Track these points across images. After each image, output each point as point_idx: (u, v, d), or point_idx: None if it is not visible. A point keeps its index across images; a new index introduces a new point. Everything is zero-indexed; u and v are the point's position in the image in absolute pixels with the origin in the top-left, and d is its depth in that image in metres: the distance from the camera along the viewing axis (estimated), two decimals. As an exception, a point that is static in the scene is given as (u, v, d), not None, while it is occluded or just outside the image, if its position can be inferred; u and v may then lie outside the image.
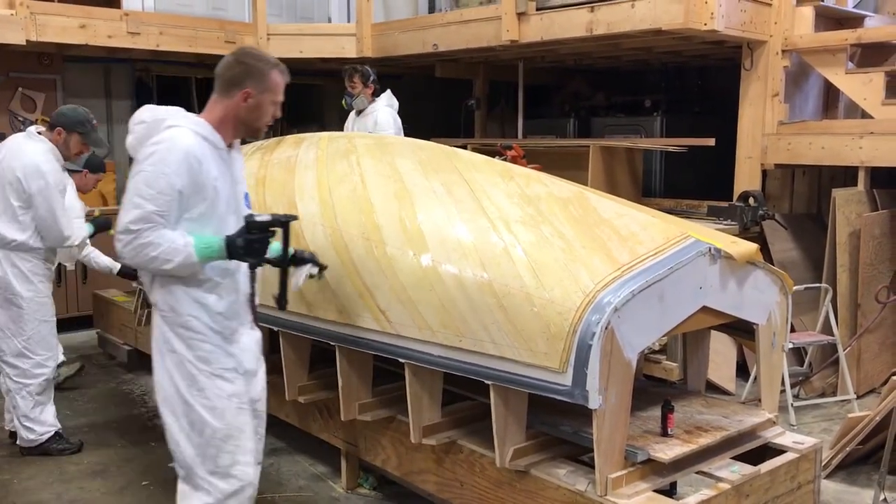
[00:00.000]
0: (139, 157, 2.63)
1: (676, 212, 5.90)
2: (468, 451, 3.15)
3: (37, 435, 4.31)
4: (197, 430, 2.74)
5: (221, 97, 2.71)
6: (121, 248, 2.60)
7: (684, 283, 2.86)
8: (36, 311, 4.24)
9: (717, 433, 3.02)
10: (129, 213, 2.57)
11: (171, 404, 2.76)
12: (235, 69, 2.69)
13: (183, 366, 2.73)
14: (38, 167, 4.07)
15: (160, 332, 2.77)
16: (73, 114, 4.22)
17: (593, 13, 5.87)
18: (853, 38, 5.68)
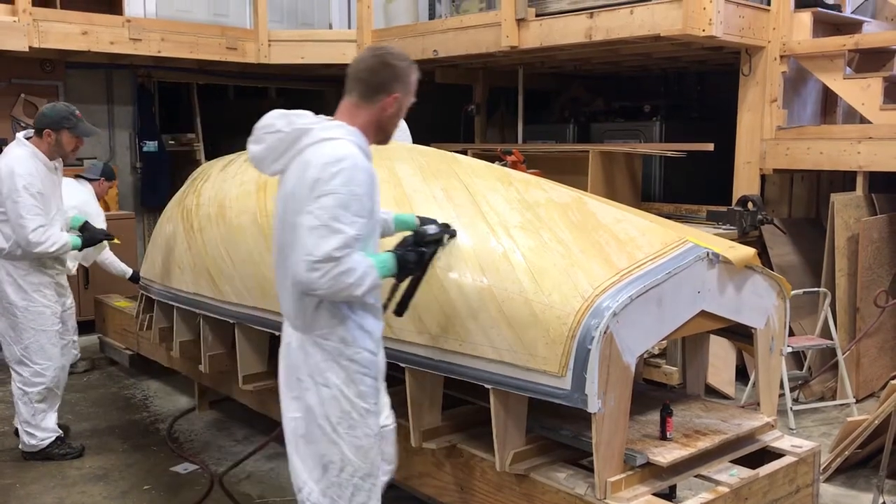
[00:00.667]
0: (310, 176, 2.35)
1: (675, 216, 5.92)
2: (468, 454, 3.16)
3: (38, 440, 4.33)
4: (335, 470, 2.55)
5: (364, 103, 2.49)
6: (317, 278, 2.31)
7: (683, 287, 2.88)
8: (31, 321, 4.22)
9: (716, 437, 3.04)
10: (328, 239, 2.30)
11: (311, 441, 2.55)
12: (383, 73, 2.47)
13: (337, 401, 2.51)
14: (11, 170, 4.03)
15: (313, 362, 2.52)
16: (54, 112, 4.14)
17: (592, 19, 5.90)
18: (851, 43, 5.71)
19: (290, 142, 2.46)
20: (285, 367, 2.63)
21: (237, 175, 4.33)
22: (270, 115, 2.52)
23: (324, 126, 2.46)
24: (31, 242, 4.05)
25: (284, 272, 2.55)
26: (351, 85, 2.53)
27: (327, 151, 2.38)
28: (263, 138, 2.52)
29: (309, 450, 2.57)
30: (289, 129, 2.46)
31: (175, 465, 4.33)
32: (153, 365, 5.65)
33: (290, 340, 2.60)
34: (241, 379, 4.06)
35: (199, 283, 4.24)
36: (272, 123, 2.49)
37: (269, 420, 4.49)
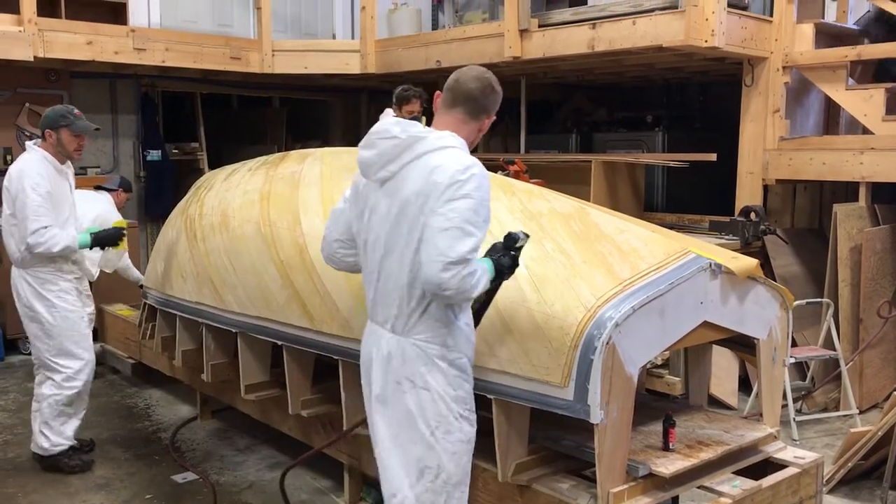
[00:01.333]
0: (441, 180, 2.40)
1: (678, 227, 5.92)
2: (471, 465, 3.15)
3: (50, 444, 4.28)
4: (430, 475, 2.55)
5: (470, 119, 2.60)
6: (448, 278, 2.34)
7: (685, 298, 2.88)
8: (58, 326, 4.20)
9: (719, 448, 3.03)
10: (462, 241, 2.36)
11: (408, 445, 2.55)
12: (491, 97, 2.61)
13: (436, 405, 2.52)
14: (20, 172, 4.06)
15: (413, 366, 2.52)
16: (52, 113, 4.18)
17: (595, 30, 5.92)
18: (853, 54, 5.72)
19: (404, 147, 2.51)
20: (382, 373, 2.59)
21: (241, 184, 4.34)
22: (386, 122, 2.58)
23: (438, 135, 2.53)
24: (31, 244, 4.03)
25: (388, 274, 2.55)
26: (458, 101, 2.60)
27: (455, 157, 2.46)
28: (377, 143, 2.56)
29: (406, 455, 2.57)
30: (404, 135, 2.51)
31: (177, 475, 4.32)
32: (155, 374, 5.65)
33: (383, 345, 2.58)
34: (243, 388, 4.07)
35: (201, 293, 4.25)
36: (388, 129, 2.54)
37: (270, 429, 4.49)
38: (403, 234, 2.50)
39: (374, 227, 2.59)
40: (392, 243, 2.53)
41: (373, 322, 2.67)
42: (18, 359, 6.67)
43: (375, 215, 2.58)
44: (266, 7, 7.59)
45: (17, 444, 4.76)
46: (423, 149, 2.49)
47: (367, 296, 2.69)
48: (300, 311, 3.56)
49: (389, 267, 2.55)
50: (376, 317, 2.64)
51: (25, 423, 5.10)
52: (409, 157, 2.50)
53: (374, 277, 2.62)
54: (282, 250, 3.70)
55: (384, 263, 2.57)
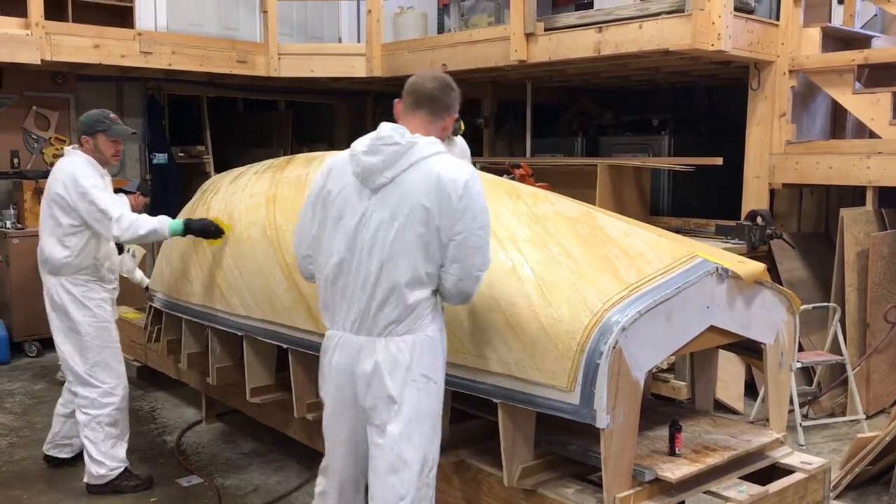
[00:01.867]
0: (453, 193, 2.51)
1: (684, 231, 5.91)
2: (476, 469, 3.15)
3: (107, 470, 4.06)
4: (427, 469, 2.67)
5: (434, 120, 2.70)
6: (473, 287, 2.61)
7: (692, 302, 2.87)
8: (96, 338, 4.05)
9: (725, 453, 3.02)
10: (489, 252, 2.63)
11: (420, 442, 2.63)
12: (451, 95, 2.73)
13: (437, 396, 2.70)
14: (73, 176, 3.94)
15: (426, 361, 2.63)
16: (88, 118, 4.13)
17: (601, 34, 5.92)
18: (860, 58, 5.71)
19: (402, 153, 2.57)
20: (393, 380, 2.59)
21: (247, 188, 4.34)
22: (387, 128, 2.62)
23: (426, 140, 2.62)
24: (118, 234, 3.91)
25: (394, 279, 2.55)
26: (420, 103, 2.68)
27: (458, 168, 2.58)
28: (381, 150, 2.59)
29: (419, 452, 2.63)
30: (403, 141, 2.58)
31: (181, 478, 4.32)
32: (160, 377, 5.66)
33: (393, 349, 2.59)
34: (248, 391, 4.06)
35: (207, 296, 4.25)
36: (390, 135, 2.59)
37: (275, 433, 4.49)
38: (410, 242, 2.53)
39: (369, 236, 2.58)
40: (398, 251, 2.54)
41: (356, 334, 2.63)
42: (25, 361, 6.69)
43: (369, 224, 2.58)
44: (272, 10, 7.61)
45: (23, 447, 4.76)
46: (418, 155, 2.56)
47: (338, 306, 2.67)
48: (306, 314, 3.56)
49: (393, 275, 2.55)
50: (365, 328, 2.61)
51: (31, 426, 5.12)
52: (406, 164, 2.56)
53: (365, 289, 2.59)
54: (287, 253, 3.70)
55: (385, 271, 2.56)
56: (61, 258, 4.01)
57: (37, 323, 6.58)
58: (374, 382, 2.61)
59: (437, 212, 2.51)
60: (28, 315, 6.62)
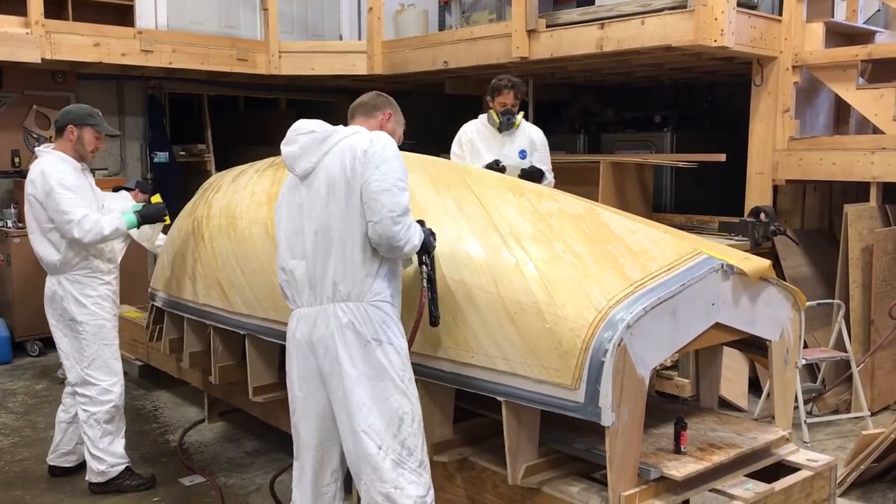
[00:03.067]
0: (360, 154, 2.74)
1: (687, 227, 5.88)
2: (480, 468, 3.14)
3: (107, 466, 4.06)
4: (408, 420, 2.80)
5: (367, 119, 3.02)
6: (399, 230, 2.70)
7: (697, 299, 2.85)
8: (94, 335, 4.03)
9: (731, 450, 3.00)
10: (401, 195, 2.72)
11: (384, 399, 2.77)
12: (377, 99, 3.07)
13: (398, 354, 2.81)
14: (42, 172, 3.92)
15: (376, 325, 2.77)
16: (79, 109, 4.10)
17: (603, 30, 5.90)
18: (864, 53, 5.68)
19: (321, 140, 2.85)
20: (347, 343, 2.77)
21: (248, 186, 4.33)
22: (303, 122, 2.92)
23: (350, 127, 2.95)
24: (79, 237, 3.85)
25: (336, 250, 2.77)
26: (354, 113, 3.07)
27: (364, 135, 2.83)
28: (297, 139, 2.88)
29: (384, 409, 2.76)
30: (320, 129, 2.87)
31: (184, 478, 4.31)
32: (162, 375, 5.65)
33: (341, 315, 2.77)
34: (251, 390, 4.05)
35: (209, 294, 4.24)
36: (306, 126, 2.90)
37: (278, 431, 4.48)
38: (337, 209, 2.77)
39: (312, 216, 2.83)
40: (328, 220, 2.78)
41: (310, 306, 2.85)
42: (27, 360, 6.68)
43: (309, 206, 2.84)
44: (273, 8, 7.60)
45: (25, 447, 4.75)
46: (337, 137, 2.84)
47: (293, 286, 2.90)
48: (308, 312, 3.54)
49: (326, 243, 2.78)
50: (315, 298, 2.83)
51: (33, 426, 5.11)
52: (327, 148, 2.83)
53: (309, 260, 2.83)
54: (289, 252, 3.68)
55: (320, 242, 2.80)
56: (51, 256, 4.00)
57: (38, 322, 6.51)
58: (329, 348, 2.80)
59: (351, 175, 2.74)
60: (30, 314, 6.60)
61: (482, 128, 5.35)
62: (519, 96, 5.22)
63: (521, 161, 5.24)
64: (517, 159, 5.24)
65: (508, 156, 5.23)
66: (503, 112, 5.19)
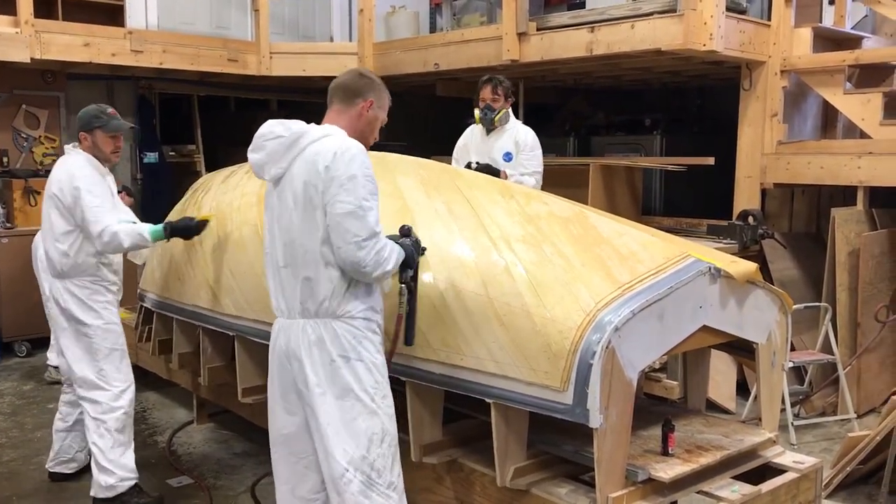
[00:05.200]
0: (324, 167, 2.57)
1: (676, 230, 5.91)
2: (469, 469, 3.14)
3: (117, 480, 3.86)
4: (377, 441, 2.70)
5: (344, 107, 2.80)
6: (364, 256, 2.55)
7: (684, 302, 2.87)
8: (106, 339, 3.92)
9: (718, 453, 3.02)
10: (365, 218, 2.55)
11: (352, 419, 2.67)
12: (359, 82, 2.81)
13: (370, 373, 2.69)
14: (70, 175, 3.81)
15: (343, 342, 2.66)
16: (85, 114, 3.96)
17: (593, 34, 5.92)
18: (851, 59, 5.73)
19: (289, 144, 2.67)
20: (315, 359, 2.68)
21: (238, 187, 4.33)
22: (267, 124, 2.73)
23: (319, 128, 2.72)
24: (101, 249, 3.82)
25: (302, 264, 2.67)
26: (331, 96, 2.83)
27: (333, 143, 2.63)
28: (264, 146, 2.71)
29: (352, 428, 2.67)
30: (287, 133, 2.68)
31: (172, 479, 4.30)
32: (151, 377, 5.63)
33: (310, 331, 2.68)
34: (240, 391, 4.04)
35: (198, 295, 4.23)
36: (271, 130, 2.71)
37: (267, 433, 4.46)
38: (300, 224, 2.65)
39: (281, 226, 2.72)
40: (292, 235, 2.67)
41: (287, 318, 2.75)
42: (14, 361, 6.65)
43: (279, 215, 2.73)
44: (264, 9, 7.59)
45: (13, 448, 4.73)
46: (306, 141, 2.66)
47: (274, 295, 2.80)
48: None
49: (293, 258, 2.68)
50: (289, 311, 2.74)
51: (21, 427, 5.09)
52: (296, 151, 2.67)
53: (280, 273, 2.74)
54: (279, 253, 3.68)
55: (288, 256, 2.70)
56: (61, 261, 3.88)
57: (26, 323, 6.56)
58: (301, 363, 2.71)
59: (314, 192, 2.60)
60: (18, 315, 6.59)
61: (476, 130, 5.28)
62: (500, 91, 5.05)
63: (507, 164, 5.08)
64: (501, 161, 5.08)
65: (493, 158, 5.11)
66: (483, 108, 5.08)
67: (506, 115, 5.14)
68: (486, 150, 5.18)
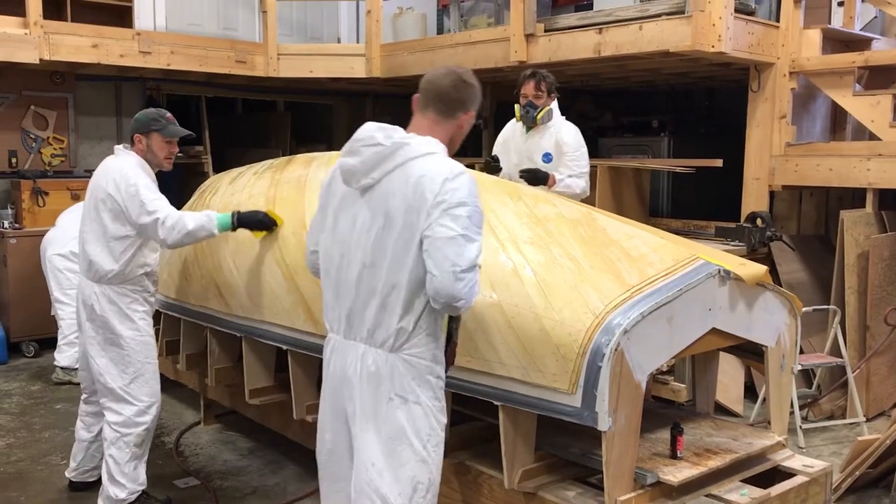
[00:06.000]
0: (429, 189, 2.35)
1: (684, 232, 5.90)
2: (476, 472, 3.14)
3: (127, 493, 3.76)
4: (422, 490, 2.50)
5: (443, 119, 2.54)
6: (461, 287, 2.30)
7: (694, 304, 2.86)
8: (139, 352, 3.78)
9: (727, 456, 3.01)
10: (468, 248, 2.32)
11: (400, 463, 2.46)
12: (463, 92, 2.55)
13: (427, 418, 2.48)
14: (125, 174, 3.68)
15: (403, 381, 2.45)
16: (144, 116, 3.84)
17: (601, 35, 5.91)
18: (860, 60, 5.70)
19: (386, 155, 2.44)
20: (370, 391, 2.47)
21: (246, 188, 4.33)
22: (368, 129, 2.50)
23: (420, 141, 2.47)
24: (164, 237, 3.65)
25: (371, 289, 2.45)
26: (429, 102, 2.55)
27: (441, 166, 2.40)
28: (361, 151, 2.48)
29: (398, 473, 2.46)
30: (388, 142, 2.45)
31: (178, 480, 4.31)
32: (159, 377, 5.64)
33: (370, 362, 2.47)
34: (247, 393, 4.05)
35: (206, 296, 4.24)
36: (372, 136, 2.47)
37: (274, 434, 4.48)
38: (389, 248, 2.41)
39: (355, 238, 2.50)
40: (378, 255, 2.44)
41: (345, 338, 2.54)
42: (22, 361, 6.66)
43: (356, 225, 2.50)
44: (271, 11, 7.60)
45: (20, 448, 4.74)
46: (406, 156, 2.43)
47: (333, 308, 2.58)
48: (305, 315, 3.54)
49: (374, 280, 2.45)
50: (351, 332, 2.52)
51: (29, 427, 5.09)
52: (392, 165, 2.44)
53: (350, 290, 2.51)
54: (287, 254, 3.69)
55: (367, 275, 2.46)
56: (109, 267, 3.72)
57: (35, 323, 6.59)
58: (353, 392, 2.51)
59: (417, 212, 2.36)
60: (26, 315, 6.61)
61: (517, 127, 4.94)
62: (544, 87, 4.70)
63: (546, 165, 4.74)
64: (540, 163, 4.75)
65: (531, 158, 4.81)
66: (525, 105, 4.75)
67: (548, 113, 4.77)
68: (525, 150, 4.88)
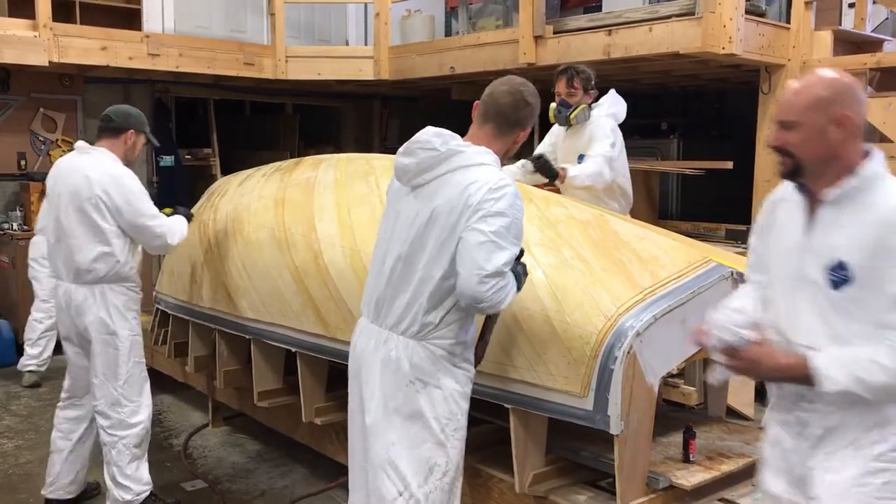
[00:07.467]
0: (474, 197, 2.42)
1: (694, 235, 5.86)
2: (487, 475, 3.12)
3: (133, 495, 3.73)
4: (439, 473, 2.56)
5: (501, 135, 2.62)
6: (484, 291, 2.38)
7: (707, 307, 2.81)
8: (133, 352, 3.75)
9: (740, 460, 2.99)
10: (497, 255, 2.39)
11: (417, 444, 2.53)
12: (523, 111, 2.62)
13: (447, 403, 2.54)
14: (114, 177, 3.61)
15: (424, 366, 2.51)
16: (139, 115, 3.81)
17: (611, 36, 5.89)
18: (872, 62, 5.66)
19: (441, 160, 2.53)
20: (392, 375, 2.54)
21: (255, 190, 4.32)
22: (427, 133, 2.59)
23: (475, 150, 2.55)
24: (173, 237, 3.74)
25: (406, 279, 2.54)
26: (489, 116, 2.63)
27: (489, 176, 2.47)
28: (417, 152, 2.57)
29: (413, 454, 2.53)
30: (444, 148, 2.53)
31: (186, 482, 4.30)
32: (167, 379, 5.63)
33: (392, 347, 2.55)
34: (256, 395, 4.04)
35: (215, 299, 4.23)
36: (429, 140, 2.56)
37: (282, 437, 4.46)
38: (429, 243, 2.50)
39: (399, 230, 2.58)
40: (416, 249, 2.52)
41: (373, 323, 2.63)
42: (30, 363, 6.65)
43: (401, 218, 2.59)
44: (280, 13, 7.60)
45: (29, 450, 4.74)
46: (459, 163, 2.51)
47: (369, 292, 2.66)
48: (315, 317, 3.53)
49: (408, 273, 2.53)
50: (378, 318, 2.61)
51: (37, 429, 5.09)
52: (445, 170, 2.52)
53: (384, 278, 2.60)
54: (296, 256, 3.68)
55: (402, 267, 2.55)
56: (104, 264, 3.64)
57: (43, 325, 6.58)
58: (371, 374, 2.59)
59: (459, 214, 2.45)
60: (34, 317, 6.60)
61: (560, 129, 4.79)
62: (577, 83, 4.54)
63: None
64: (577, 163, 4.51)
65: (568, 159, 4.60)
66: (558, 104, 4.60)
67: (585, 112, 4.57)
68: (565, 152, 4.69)
